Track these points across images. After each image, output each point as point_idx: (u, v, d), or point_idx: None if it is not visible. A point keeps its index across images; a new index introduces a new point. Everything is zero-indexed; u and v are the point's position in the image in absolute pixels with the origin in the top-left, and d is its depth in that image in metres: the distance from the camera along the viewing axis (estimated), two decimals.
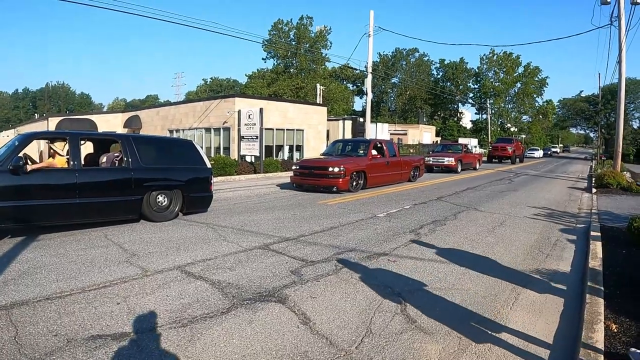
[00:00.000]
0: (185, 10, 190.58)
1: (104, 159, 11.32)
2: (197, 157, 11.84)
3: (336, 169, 16.60)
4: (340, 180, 16.55)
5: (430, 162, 29.73)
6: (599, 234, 9.68)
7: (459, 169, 29.78)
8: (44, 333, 4.59)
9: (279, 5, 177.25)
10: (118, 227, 10.07)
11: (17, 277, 6.35)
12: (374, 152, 19.31)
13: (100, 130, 40.09)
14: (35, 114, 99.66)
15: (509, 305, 5.75)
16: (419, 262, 7.65)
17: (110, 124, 41.99)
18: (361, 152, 19.31)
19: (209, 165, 12.07)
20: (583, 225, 11.53)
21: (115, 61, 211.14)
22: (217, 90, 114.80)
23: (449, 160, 29.59)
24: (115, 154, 10.93)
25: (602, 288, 5.95)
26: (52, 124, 38.34)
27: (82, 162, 9.98)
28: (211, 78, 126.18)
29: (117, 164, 10.65)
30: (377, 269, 7.20)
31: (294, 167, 18.67)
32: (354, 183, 17.44)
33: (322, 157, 20.39)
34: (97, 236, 9.09)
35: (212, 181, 12.18)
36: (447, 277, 6.81)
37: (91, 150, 12.22)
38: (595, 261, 7.31)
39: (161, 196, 10.86)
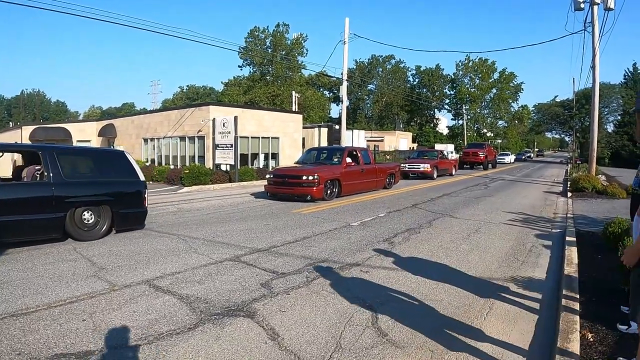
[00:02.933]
0: (162, 17, 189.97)
1: (25, 172, 10.55)
2: (129, 169, 10.92)
3: (310, 178, 16.38)
4: (314, 188, 16.35)
5: (407, 169, 29.56)
6: (575, 239, 9.60)
7: (435, 175, 29.65)
8: (8, 352, 4.46)
9: (256, 12, 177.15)
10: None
11: None
12: (348, 159, 19.07)
13: (74, 139, 39.62)
14: (10, 122, 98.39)
15: (483, 316, 5.61)
16: (392, 272, 7.48)
17: (85, 133, 41.37)
18: (335, 160, 19.07)
19: (142, 178, 11.13)
20: (559, 230, 11.46)
21: (91, 69, 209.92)
22: (193, 98, 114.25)
23: (424, 167, 29.45)
24: (37, 167, 10.12)
25: (578, 296, 5.83)
26: (25, 132, 37.61)
27: None
28: (188, 86, 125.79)
29: (38, 178, 9.85)
30: (349, 280, 7.03)
31: (267, 176, 18.41)
32: (329, 191, 17.27)
33: (296, 165, 20.14)
34: (66, 249, 8.91)
35: (145, 195, 11.16)
36: (420, 288, 6.64)
37: (21, 163, 11.64)
38: (571, 267, 7.20)
39: (87, 213, 9.91)
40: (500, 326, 5.29)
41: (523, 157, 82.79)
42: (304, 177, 16.48)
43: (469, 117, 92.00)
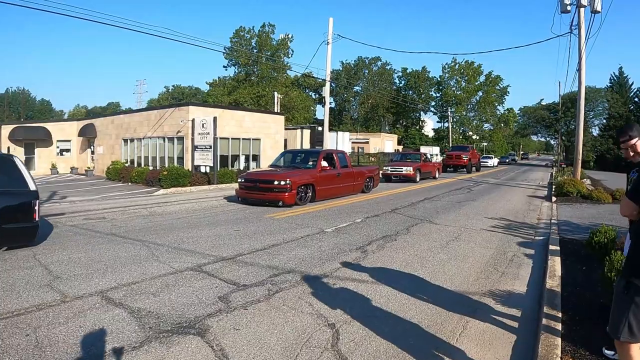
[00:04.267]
0: (148, 17, 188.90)
1: None
2: (17, 177, 9.25)
3: (282, 182, 15.81)
4: (286, 194, 15.79)
5: (389, 172, 29.12)
6: (558, 247, 9.14)
7: (418, 179, 29.09)
8: None
9: (241, 12, 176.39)
10: (50, 245, 9.64)
11: None
12: (324, 163, 18.48)
13: (54, 139, 39.00)
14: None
15: (455, 337, 5.11)
16: (361, 285, 6.95)
17: (66, 132, 40.68)
18: (310, 163, 18.49)
19: (32, 188, 9.29)
20: (542, 238, 11.00)
21: (77, 68, 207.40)
22: (179, 98, 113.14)
23: (407, 170, 28.81)
24: None
25: (560, 314, 5.34)
26: (5, 131, 36.93)
27: None
28: (173, 86, 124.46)
29: None
30: (313, 293, 6.51)
31: (239, 180, 17.68)
32: (302, 196, 16.62)
33: (268, 169, 19.36)
34: (24, 255, 8.60)
35: (36, 208, 9.25)
36: (390, 303, 6.12)
37: None
38: (553, 280, 6.70)
39: None
40: (473, 349, 4.79)
41: (507, 160, 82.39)
42: (276, 182, 15.91)
43: (454, 119, 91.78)
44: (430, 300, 6.25)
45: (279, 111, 45.49)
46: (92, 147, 39.03)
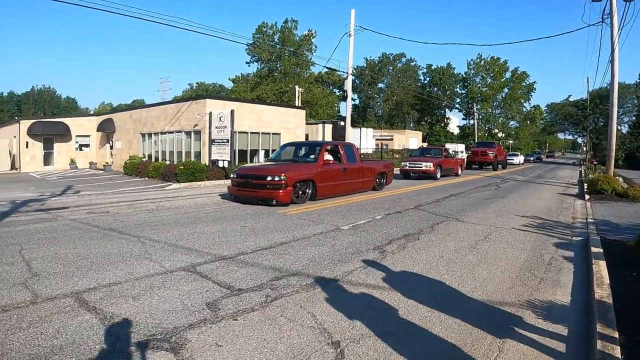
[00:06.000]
0: (171, 13, 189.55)
1: None
2: None
3: (276, 178, 14.18)
4: (281, 191, 14.12)
5: (407, 168, 27.73)
6: (601, 249, 8.03)
7: (439, 175, 27.52)
8: None
9: (264, 7, 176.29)
10: (40, 240, 9.07)
11: None
12: (328, 157, 16.77)
13: (73, 134, 38.92)
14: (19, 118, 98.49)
15: None
16: (376, 292, 5.96)
17: (85, 127, 40.54)
18: (311, 157, 16.85)
19: None
20: (580, 238, 9.92)
21: (102, 66, 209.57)
22: (202, 95, 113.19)
23: (427, 166, 27.10)
24: None
25: (616, 334, 4.29)
26: (23, 126, 36.84)
27: None
28: (197, 83, 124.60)
29: None
30: (319, 302, 5.56)
31: (232, 176, 16.11)
32: (299, 194, 14.97)
33: (266, 163, 18.27)
34: (11, 251, 8.07)
35: None
36: (409, 316, 5.12)
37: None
38: (602, 290, 5.63)
39: None
40: None
41: (532, 158, 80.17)
42: (269, 178, 14.30)
43: (480, 116, 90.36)
44: (459, 312, 5.24)
45: (300, 105, 44.60)
46: (110, 142, 38.71)
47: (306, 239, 9.25)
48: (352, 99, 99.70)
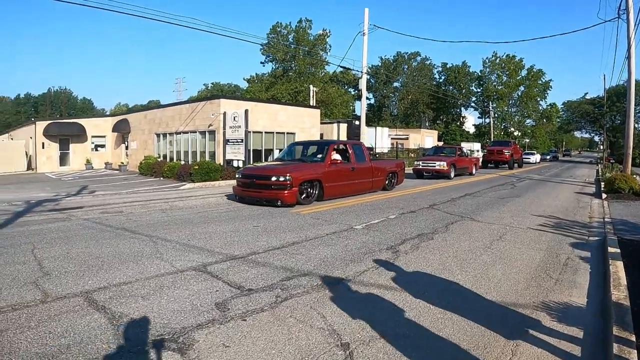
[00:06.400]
0: (186, 14, 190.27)
1: None
2: None
3: (281, 179, 13.80)
4: (286, 192, 13.70)
5: (420, 167, 27.42)
6: (618, 250, 7.87)
7: (452, 175, 27.18)
8: None
9: (278, 7, 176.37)
10: (53, 239, 9.08)
11: None
12: (336, 156, 16.31)
13: (89, 134, 39.26)
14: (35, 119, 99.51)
15: None
16: (388, 292, 5.86)
17: (100, 128, 40.89)
18: (319, 156, 16.32)
19: None
20: (597, 238, 9.74)
21: (118, 67, 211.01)
22: (217, 95, 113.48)
23: (440, 165, 26.71)
24: None
25: (634, 338, 4.16)
26: (39, 127, 37.20)
27: None
28: (212, 83, 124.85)
29: None
30: (329, 302, 5.48)
31: (237, 176, 15.69)
32: (305, 194, 14.59)
33: (272, 163, 17.91)
34: (23, 250, 8.11)
35: None
36: (421, 318, 5.03)
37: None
38: (619, 291, 5.49)
39: None
40: None
41: (548, 157, 79.27)
42: (274, 178, 13.90)
43: (496, 115, 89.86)
44: (472, 314, 5.13)
45: (314, 105, 44.54)
46: (126, 143, 38.93)
47: (319, 239, 9.17)
48: (368, 98, 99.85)
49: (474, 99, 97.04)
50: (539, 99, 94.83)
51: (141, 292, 5.82)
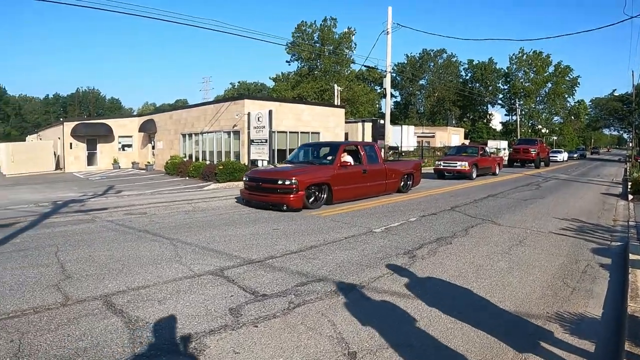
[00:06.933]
0: (211, 14, 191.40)
1: None
2: None
3: (287, 182, 13.36)
4: (291, 196, 13.28)
5: (441, 167, 27.00)
6: (639, 257, 7.73)
7: (474, 175, 26.60)
8: None
9: (303, 6, 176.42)
10: (76, 242, 9.33)
11: None
12: (347, 158, 15.81)
13: (116, 135, 39.78)
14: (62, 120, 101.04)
15: None
16: (400, 300, 5.85)
17: (127, 128, 41.48)
18: (328, 159, 15.65)
19: None
20: (619, 243, 9.55)
21: (145, 66, 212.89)
22: (244, 93, 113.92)
23: (462, 165, 26.13)
24: None
25: None
26: (67, 128, 37.86)
27: None
28: (239, 82, 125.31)
29: None
30: (341, 309, 5.50)
31: (244, 179, 15.40)
32: (313, 198, 14.14)
33: (280, 165, 17.72)
34: (47, 252, 8.33)
35: None
36: (431, 327, 5.01)
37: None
38: (636, 303, 5.34)
39: None
40: None
41: (576, 155, 77.87)
42: (279, 182, 13.50)
43: (523, 112, 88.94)
44: (482, 324, 5.09)
45: (339, 104, 44.51)
46: (152, 142, 39.28)
47: (337, 242, 9.19)
48: (393, 96, 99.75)
49: (500, 96, 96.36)
50: (566, 96, 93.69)
51: (158, 296, 5.91)
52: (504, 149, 64.31)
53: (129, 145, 41.62)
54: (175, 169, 29.93)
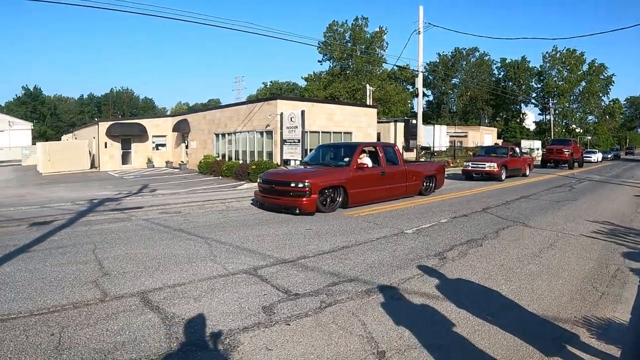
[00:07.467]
0: (242, 14, 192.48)
1: None
2: None
3: (299, 185, 12.94)
4: (304, 199, 12.85)
5: (469, 168, 26.39)
6: None
7: (504, 176, 25.80)
8: None
9: (334, 6, 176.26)
10: (113, 239, 9.68)
11: None
12: (365, 160, 15.25)
13: (150, 134, 40.28)
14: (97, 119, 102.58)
15: None
16: (430, 301, 5.96)
17: (161, 128, 42.12)
18: (345, 160, 15.23)
19: None
20: None
21: (178, 66, 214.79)
22: (276, 93, 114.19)
23: (490, 166, 25.32)
24: None
25: None
26: (102, 128, 38.63)
27: None
28: (271, 82, 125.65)
29: None
30: (371, 310, 5.61)
31: (258, 181, 15.01)
32: (327, 202, 13.69)
33: (296, 167, 17.57)
34: (85, 250, 8.67)
35: None
36: (459, 328, 5.11)
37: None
38: None
39: None
40: None
41: (609, 156, 76.07)
42: (292, 185, 13.10)
43: (556, 112, 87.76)
44: (510, 326, 5.16)
45: (371, 104, 44.55)
46: (186, 142, 39.76)
47: (368, 243, 9.30)
48: (426, 95, 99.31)
49: (534, 95, 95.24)
50: (600, 95, 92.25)
51: (193, 293, 6.12)
52: (537, 149, 63.59)
53: (163, 145, 42.25)
54: (209, 168, 30.31)
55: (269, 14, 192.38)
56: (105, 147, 38.70)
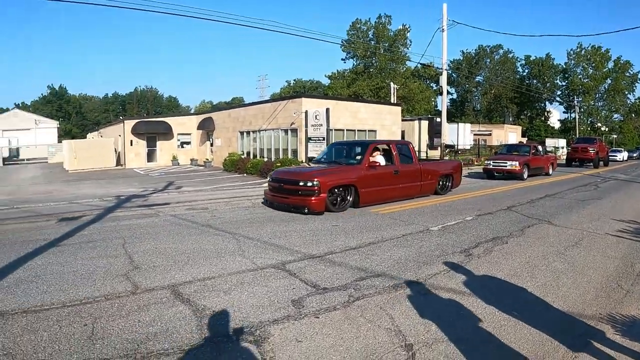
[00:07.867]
0: (266, 13, 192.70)
1: None
2: None
3: (308, 184, 12.59)
4: (313, 199, 12.49)
5: (491, 167, 26.11)
6: None
7: (526, 175, 25.36)
8: None
9: (357, 4, 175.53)
10: (142, 235, 9.91)
11: (11, 285, 6.36)
12: (377, 158, 14.86)
13: (175, 132, 40.67)
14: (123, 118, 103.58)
15: None
16: (456, 296, 6.05)
17: (185, 126, 42.58)
18: (356, 159, 14.88)
19: None
20: None
21: (202, 65, 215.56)
22: (300, 91, 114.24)
23: (512, 165, 24.96)
24: None
25: None
26: (127, 126, 39.10)
27: None
28: (294, 80, 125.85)
29: None
30: (398, 304, 5.73)
31: (268, 179, 14.72)
32: (337, 201, 13.32)
33: (306, 165, 17.33)
34: (115, 244, 8.90)
35: None
36: (485, 323, 5.21)
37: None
38: None
39: None
40: None
41: (635, 155, 74.71)
42: (301, 184, 12.74)
43: (581, 110, 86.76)
44: (535, 322, 5.23)
45: (395, 102, 44.56)
46: (210, 140, 40.08)
47: (394, 240, 9.41)
48: (450, 93, 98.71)
49: (558, 92, 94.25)
50: (626, 93, 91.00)
51: (223, 287, 6.28)
52: (562, 148, 62.99)
53: (188, 143, 42.67)
54: (234, 166, 30.57)
55: (293, 14, 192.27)
56: (131, 145, 39.19)
